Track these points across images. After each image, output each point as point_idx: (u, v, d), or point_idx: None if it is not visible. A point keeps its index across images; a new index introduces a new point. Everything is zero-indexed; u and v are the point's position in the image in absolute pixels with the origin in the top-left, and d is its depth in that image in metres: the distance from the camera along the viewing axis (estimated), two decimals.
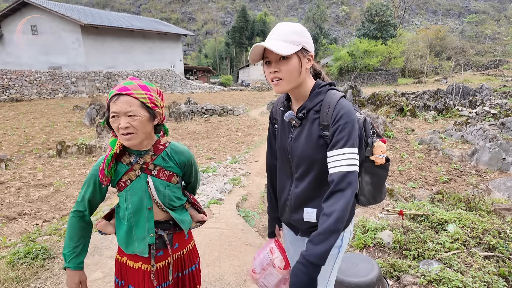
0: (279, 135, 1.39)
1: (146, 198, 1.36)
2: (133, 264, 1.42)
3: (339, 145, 1.16)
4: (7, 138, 9.69)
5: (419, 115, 12.59)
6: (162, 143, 1.42)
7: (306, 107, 1.26)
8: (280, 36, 1.19)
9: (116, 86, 1.29)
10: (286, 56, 1.18)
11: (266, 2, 76.72)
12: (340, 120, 1.16)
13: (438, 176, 6.23)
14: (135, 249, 1.38)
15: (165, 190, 1.39)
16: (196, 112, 13.86)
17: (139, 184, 1.36)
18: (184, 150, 1.47)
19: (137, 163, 1.36)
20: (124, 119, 1.24)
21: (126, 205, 1.37)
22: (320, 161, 1.24)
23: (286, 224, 1.51)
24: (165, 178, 1.40)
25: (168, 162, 1.41)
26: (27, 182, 5.43)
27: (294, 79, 1.21)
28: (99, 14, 28.25)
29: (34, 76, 20.34)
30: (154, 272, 1.40)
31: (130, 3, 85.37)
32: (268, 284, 1.58)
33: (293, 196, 1.35)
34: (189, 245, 1.56)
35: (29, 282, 2.49)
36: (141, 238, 1.37)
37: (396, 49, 35.54)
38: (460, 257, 2.45)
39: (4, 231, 3.71)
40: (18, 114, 14.38)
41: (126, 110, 1.24)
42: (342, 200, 1.11)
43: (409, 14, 67.03)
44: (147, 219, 1.37)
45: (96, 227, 1.45)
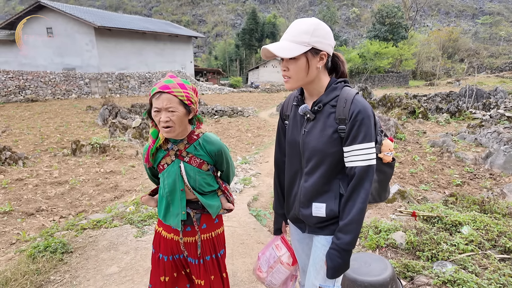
0: (290, 130, 1.41)
1: (178, 181, 1.54)
2: (166, 234, 1.64)
3: (359, 140, 1.20)
4: (23, 137, 9.96)
5: (431, 118, 12.42)
6: (196, 133, 1.57)
7: (322, 101, 1.29)
8: (290, 36, 1.23)
9: (157, 83, 1.45)
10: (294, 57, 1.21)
11: (276, 4, 76.81)
12: (359, 115, 1.20)
13: (451, 179, 6.14)
14: (171, 222, 1.59)
15: (195, 175, 1.56)
16: (207, 113, 13.97)
17: (173, 168, 1.54)
18: (215, 141, 1.59)
19: (172, 150, 1.55)
20: (165, 114, 1.41)
21: (164, 185, 1.57)
22: (331, 155, 1.27)
23: (293, 221, 1.53)
24: (196, 165, 1.55)
25: (199, 150, 1.56)
26: (44, 179, 5.57)
27: (301, 78, 1.25)
28: (112, 16, 28.78)
29: (49, 77, 20.83)
30: (182, 244, 1.60)
31: (141, 6, 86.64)
32: (276, 282, 1.60)
33: (302, 191, 1.36)
34: (218, 230, 1.68)
35: (48, 275, 2.57)
36: (175, 214, 1.58)
37: (408, 51, 35.17)
38: (474, 259, 2.43)
39: (23, 226, 3.82)
40: (33, 114, 14.75)
41: (167, 106, 1.41)
42: (363, 193, 1.22)
43: (421, 16, 66.19)
44: (180, 198, 1.56)
45: (141, 200, 1.71)
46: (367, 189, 1.22)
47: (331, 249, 1.28)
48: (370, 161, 1.21)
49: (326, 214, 1.32)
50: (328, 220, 1.34)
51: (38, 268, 2.59)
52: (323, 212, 1.32)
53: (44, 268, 2.61)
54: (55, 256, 2.77)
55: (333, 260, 1.26)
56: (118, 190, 5.16)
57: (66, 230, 3.36)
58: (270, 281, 1.59)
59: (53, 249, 2.84)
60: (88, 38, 23.64)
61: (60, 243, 2.93)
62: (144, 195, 1.71)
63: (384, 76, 34.95)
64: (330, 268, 1.28)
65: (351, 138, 1.22)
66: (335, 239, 1.27)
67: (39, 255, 2.74)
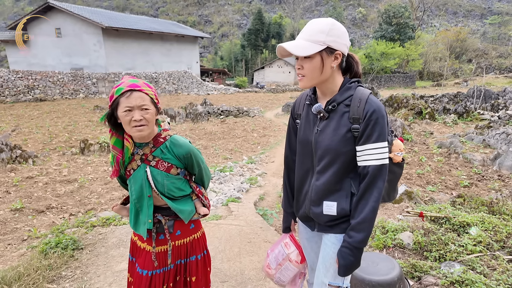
0: (302, 129, 1.41)
1: (145, 186, 1.48)
2: (140, 244, 1.59)
3: (372, 139, 1.22)
4: (32, 136, 10.11)
5: (438, 119, 12.32)
6: (163, 136, 1.50)
7: (336, 100, 1.30)
8: (305, 35, 1.24)
9: (121, 83, 1.38)
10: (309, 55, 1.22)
11: (282, 5, 76.76)
12: (373, 115, 1.21)
13: (459, 180, 6.10)
14: (139, 231, 1.52)
15: (163, 180, 1.48)
16: (212, 113, 14.03)
17: (139, 173, 1.48)
18: (183, 143, 1.53)
19: (137, 154, 1.48)
20: (138, 113, 1.35)
21: (131, 191, 1.51)
22: (344, 154, 1.28)
23: (303, 219, 1.53)
24: (163, 169, 1.48)
25: (166, 154, 1.49)
26: (54, 177, 5.67)
27: (315, 77, 1.26)
28: (119, 17, 29.05)
29: (57, 77, 21.10)
30: (154, 253, 1.52)
31: (148, 6, 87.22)
32: (284, 279, 1.61)
33: (313, 189, 1.37)
34: (195, 235, 1.63)
35: (60, 270, 2.63)
36: (143, 222, 1.51)
37: (415, 51, 34.92)
38: (483, 260, 2.43)
39: (34, 223, 3.90)
40: (42, 113, 14.96)
41: (140, 104, 1.36)
42: (376, 191, 1.24)
43: (428, 16, 65.59)
44: (147, 206, 1.49)
45: (112, 210, 1.65)
46: (380, 188, 1.23)
47: (343, 247, 1.29)
48: (383, 160, 1.23)
49: (337, 213, 1.33)
50: (339, 218, 1.34)
51: (50, 263, 2.65)
52: (334, 211, 1.33)
53: (56, 264, 2.67)
54: (66, 253, 2.83)
55: (345, 258, 1.28)
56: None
57: (76, 227, 3.41)
58: (278, 278, 1.60)
59: (64, 246, 2.90)
60: (96, 39, 23.90)
61: (71, 240, 2.98)
62: (115, 204, 1.65)
63: (391, 76, 34.74)
64: (342, 266, 1.29)
65: (365, 138, 1.23)
66: (347, 238, 1.28)
67: (51, 251, 2.80)
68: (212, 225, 3.39)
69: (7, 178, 5.49)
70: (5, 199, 4.60)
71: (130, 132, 1.40)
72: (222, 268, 2.61)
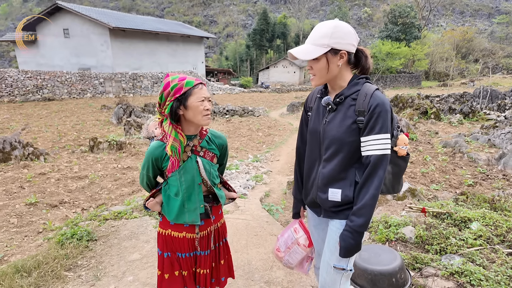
0: (312, 120, 1.52)
1: (196, 176, 1.59)
2: (177, 234, 1.63)
3: (375, 131, 1.33)
4: (41, 135, 10.33)
5: (444, 118, 12.31)
6: (204, 129, 1.67)
7: (344, 94, 1.41)
8: (311, 40, 1.39)
9: (184, 78, 1.51)
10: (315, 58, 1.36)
11: (287, 5, 76.74)
12: (377, 108, 1.32)
13: (463, 179, 6.14)
14: (186, 219, 1.60)
15: (210, 168, 1.63)
16: (218, 112, 14.17)
17: (191, 163, 1.58)
18: (221, 135, 1.73)
19: (188, 146, 1.57)
20: (208, 103, 1.53)
21: (180, 182, 1.57)
22: (349, 144, 1.38)
23: (310, 205, 1.63)
24: (209, 158, 1.64)
25: (211, 144, 1.65)
26: (65, 174, 5.83)
27: (323, 75, 1.40)
28: (126, 17, 29.35)
29: (65, 77, 21.40)
30: (198, 239, 1.63)
31: (154, 7, 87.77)
32: (292, 261, 1.72)
33: (320, 176, 1.47)
34: (222, 220, 1.80)
35: (76, 260, 2.76)
36: (192, 209, 1.60)
37: (421, 51, 34.73)
38: (483, 253, 2.50)
39: (48, 217, 4.05)
40: (50, 112, 15.22)
41: (209, 95, 1.55)
42: (376, 179, 1.33)
43: (435, 16, 65.10)
44: (197, 193, 1.61)
45: (147, 205, 1.68)
46: (381, 177, 1.33)
47: (345, 230, 1.39)
48: (384, 150, 1.33)
49: (341, 199, 1.42)
50: (343, 205, 1.44)
51: (67, 253, 2.78)
52: (338, 197, 1.42)
53: (72, 253, 2.80)
54: (81, 243, 2.96)
55: (345, 240, 1.38)
56: (135, 185, 5.36)
57: (90, 220, 3.55)
58: (287, 260, 1.71)
59: (79, 237, 3.03)
60: (103, 39, 24.19)
61: (85, 232, 3.12)
62: (150, 200, 1.67)
63: (396, 76, 34.59)
64: (343, 248, 1.39)
65: (369, 129, 1.33)
66: (349, 222, 1.38)
67: (67, 242, 2.93)
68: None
69: (20, 174, 5.67)
70: (20, 194, 4.76)
71: (200, 120, 1.52)
72: None
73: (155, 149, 1.56)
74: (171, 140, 1.50)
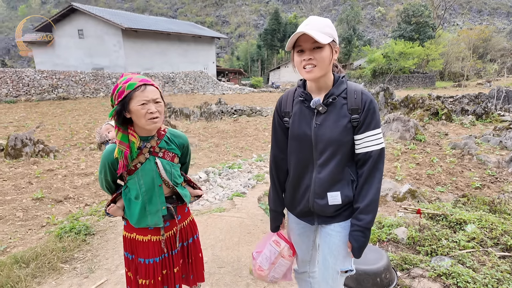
0: (296, 125, 1.43)
1: (156, 177, 1.55)
2: (142, 238, 1.60)
3: (372, 127, 1.34)
4: (55, 133, 10.64)
5: (455, 120, 12.03)
6: (163, 129, 1.62)
7: (335, 94, 1.37)
8: (315, 26, 1.28)
9: (130, 79, 1.43)
10: (320, 46, 1.28)
11: (299, 4, 76.43)
12: (371, 105, 1.33)
13: (470, 181, 5.99)
14: (149, 222, 1.56)
15: (171, 169, 1.60)
16: (226, 112, 14.26)
17: (149, 165, 1.54)
18: (182, 134, 1.70)
19: (145, 147, 1.53)
20: (153, 106, 1.43)
21: (139, 185, 1.53)
22: (345, 144, 1.36)
23: (300, 215, 1.53)
24: (169, 159, 1.60)
25: (170, 144, 1.62)
26: (72, 170, 6.00)
27: (325, 67, 1.32)
28: (138, 18, 29.86)
29: (79, 77, 21.95)
30: (164, 240, 1.61)
31: (167, 7, 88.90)
32: (278, 275, 1.66)
33: (317, 182, 1.40)
34: (189, 218, 1.79)
35: (73, 253, 2.86)
36: (154, 212, 1.57)
37: (435, 51, 33.95)
38: (474, 256, 2.46)
39: (53, 211, 4.19)
40: (64, 111, 15.65)
41: (155, 97, 1.44)
42: (378, 173, 1.36)
43: (450, 14, 63.56)
44: (158, 195, 1.57)
45: (109, 211, 1.62)
46: (381, 170, 1.36)
47: (355, 231, 1.37)
48: (382, 144, 1.35)
49: (341, 201, 1.39)
50: (343, 206, 1.41)
51: (64, 246, 2.88)
52: (338, 200, 1.39)
53: (69, 246, 2.90)
54: (79, 237, 3.06)
55: (358, 240, 1.37)
56: None
57: (90, 215, 3.66)
58: (272, 276, 1.65)
59: (77, 231, 3.14)
60: (116, 39, 24.69)
61: (84, 226, 3.22)
62: (111, 206, 1.60)
63: (409, 76, 33.92)
64: (357, 248, 1.38)
65: (365, 126, 1.33)
66: (357, 221, 1.36)
67: (65, 235, 3.04)
68: (215, 217, 3.55)
69: (30, 170, 5.87)
70: (27, 189, 4.94)
71: (145, 125, 1.44)
72: (220, 255, 2.77)
73: (110, 153, 1.52)
74: (118, 144, 1.47)
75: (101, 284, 2.43)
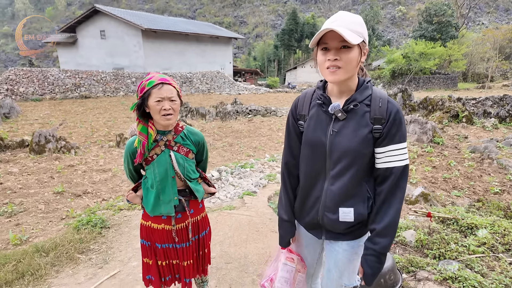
0: (311, 130, 1.31)
1: (169, 169, 1.66)
2: (156, 226, 1.73)
3: (396, 140, 1.20)
4: (76, 130, 11.08)
5: (477, 122, 11.65)
6: (180, 126, 1.74)
7: (357, 100, 1.23)
8: (344, 23, 1.14)
9: (152, 77, 1.56)
10: (349, 45, 1.14)
11: (318, 4, 75.77)
12: (396, 116, 1.20)
13: (489, 186, 5.81)
14: (162, 211, 1.69)
15: (184, 163, 1.70)
16: (241, 112, 14.37)
17: (164, 157, 1.66)
18: (197, 132, 1.80)
19: (161, 140, 1.66)
20: (167, 103, 1.55)
21: (154, 175, 1.66)
22: (363, 156, 1.23)
23: (308, 227, 1.44)
24: (183, 153, 1.70)
25: (185, 140, 1.72)
26: (91, 166, 6.25)
27: (351, 69, 1.18)
28: (158, 19, 30.51)
29: (101, 76, 22.67)
30: (175, 230, 1.73)
31: (186, 8, 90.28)
32: None
33: (328, 194, 1.29)
34: (202, 214, 1.87)
35: (89, 244, 3.00)
36: (167, 201, 1.69)
37: (458, 51, 32.86)
38: (484, 261, 2.42)
39: (72, 205, 4.39)
40: (86, 109, 16.22)
41: (170, 95, 1.56)
42: (400, 192, 1.23)
43: (476, 13, 61.28)
44: (171, 185, 1.68)
45: (127, 197, 1.77)
46: (404, 189, 1.22)
47: (369, 255, 1.25)
48: (406, 161, 1.21)
49: (354, 219, 1.27)
50: (355, 225, 1.30)
51: (81, 238, 3.04)
52: (351, 217, 1.27)
53: (86, 238, 3.05)
54: (95, 230, 3.21)
55: (372, 267, 1.24)
56: None
57: (106, 209, 3.82)
58: None
59: (94, 224, 3.29)
60: (136, 40, 25.33)
61: (100, 220, 3.37)
62: (129, 193, 1.76)
63: (430, 77, 32.98)
64: (370, 275, 1.25)
65: (389, 138, 1.20)
66: (372, 244, 1.24)
67: (82, 228, 3.20)
68: (225, 214, 3.63)
69: (52, 165, 6.16)
70: (49, 183, 5.19)
71: (159, 120, 1.57)
72: (228, 251, 2.84)
73: (131, 144, 1.68)
74: (138, 134, 1.62)
75: (114, 274, 2.56)
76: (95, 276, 2.53)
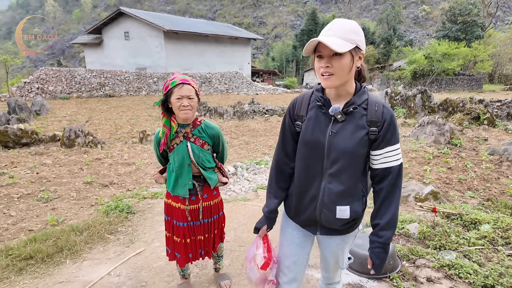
0: (309, 130, 1.37)
1: (186, 157, 1.93)
2: (175, 204, 2.02)
3: (392, 142, 1.31)
4: (101, 127, 11.69)
5: (499, 125, 11.37)
6: (199, 120, 2.00)
7: (356, 103, 1.31)
8: (337, 32, 1.22)
9: (175, 78, 1.83)
10: (340, 53, 1.21)
11: (338, 4, 74.99)
12: (392, 119, 1.30)
13: (506, 189, 5.77)
14: (179, 192, 1.98)
15: (199, 153, 1.95)
16: (258, 112, 14.63)
17: (182, 147, 1.93)
18: (214, 126, 2.03)
19: (180, 132, 1.94)
20: (186, 100, 1.82)
21: (174, 161, 1.95)
22: (359, 156, 1.32)
23: (303, 224, 1.49)
24: (199, 145, 1.96)
25: (202, 133, 1.97)
26: (116, 160, 6.69)
27: (344, 75, 1.25)
28: (179, 20, 31.31)
29: (124, 76, 23.58)
30: (188, 210, 2.01)
31: (207, 9, 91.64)
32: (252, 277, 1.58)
33: (326, 193, 1.35)
34: (216, 199, 2.12)
35: (117, 226, 3.34)
36: (183, 185, 1.97)
37: (484, 51, 31.72)
38: (483, 252, 2.55)
39: (100, 194, 4.79)
40: (110, 107, 16.97)
41: (188, 94, 1.83)
42: (398, 189, 1.36)
43: (504, 12, 58.78)
44: (187, 171, 1.96)
45: (153, 177, 2.11)
46: (400, 186, 1.35)
47: (376, 247, 1.37)
48: (401, 160, 1.33)
49: (349, 216, 1.36)
50: (350, 222, 1.40)
51: (110, 221, 3.38)
52: (347, 215, 1.36)
53: (114, 221, 3.39)
54: (122, 214, 3.55)
55: (380, 257, 1.37)
56: None
57: (131, 197, 4.17)
58: (248, 274, 1.62)
59: (121, 209, 3.63)
60: (158, 41, 26.14)
61: (126, 206, 3.72)
62: (155, 173, 2.08)
63: (453, 79, 32.01)
64: (378, 265, 1.38)
65: (386, 141, 1.30)
66: (377, 238, 1.36)
67: (111, 212, 3.55)
68: (239, 205, 3.89)
69: (81, 158, 6.64)
70: (79, 174, 5.63)
71: (179, 114, 1.83)
72: (241, 236, 3.10)
73: (158, 134, 2.00)
74: (162, 126, 1.92)
75: (139, 252, 2.86)
76: (123, 253, 2.85)
